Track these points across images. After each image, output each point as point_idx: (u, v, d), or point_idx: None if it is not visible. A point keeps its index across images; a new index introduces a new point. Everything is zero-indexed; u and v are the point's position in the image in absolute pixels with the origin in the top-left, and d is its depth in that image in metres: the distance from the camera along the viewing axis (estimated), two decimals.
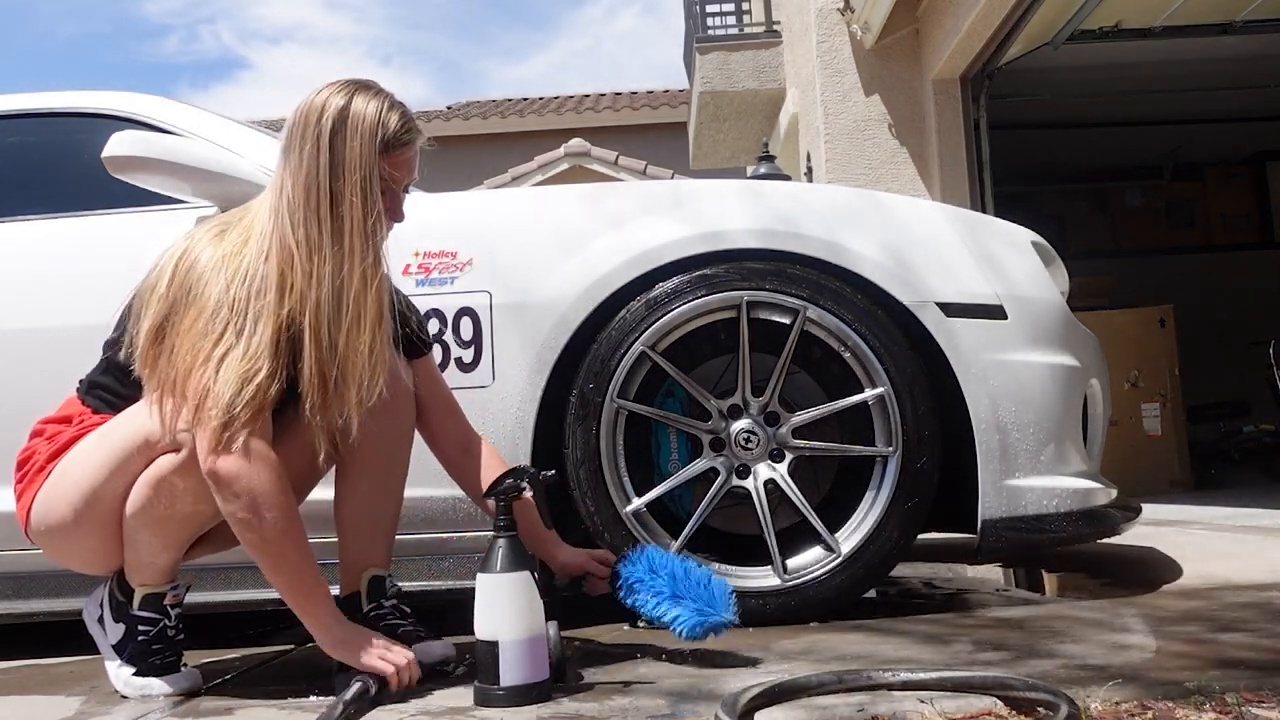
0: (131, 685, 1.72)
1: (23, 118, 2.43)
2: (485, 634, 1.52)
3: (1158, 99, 6.59)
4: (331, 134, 1.62)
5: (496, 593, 1.53)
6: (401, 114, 1.68)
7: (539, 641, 1.54)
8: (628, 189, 2.35)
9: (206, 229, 1.68)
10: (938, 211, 2.28)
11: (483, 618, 1.53)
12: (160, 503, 1.64)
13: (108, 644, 1.76)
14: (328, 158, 1.62)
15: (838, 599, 2.06)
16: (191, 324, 1.58)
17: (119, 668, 1.74)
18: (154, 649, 1.72)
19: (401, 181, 1.71)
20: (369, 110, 1.64)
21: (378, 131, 1.64)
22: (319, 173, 1.62)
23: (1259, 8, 5.29)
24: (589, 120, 13.25)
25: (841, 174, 5.97)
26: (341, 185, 1.62)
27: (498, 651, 1.51)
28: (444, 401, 1.89)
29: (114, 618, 1.75)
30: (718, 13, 8.63)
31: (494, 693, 1.51)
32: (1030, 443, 2.11)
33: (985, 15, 4.96)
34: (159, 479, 1.64)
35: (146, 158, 2.03)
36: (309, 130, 1.63)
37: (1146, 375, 5.63)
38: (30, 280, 2.24)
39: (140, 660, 1.72)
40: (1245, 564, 2.65)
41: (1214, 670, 1.50)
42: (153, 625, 1.73)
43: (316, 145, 1.62)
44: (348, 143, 1.62)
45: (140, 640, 1.72)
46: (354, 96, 1.65)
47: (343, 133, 1.62)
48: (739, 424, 2.12)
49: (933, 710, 1.38)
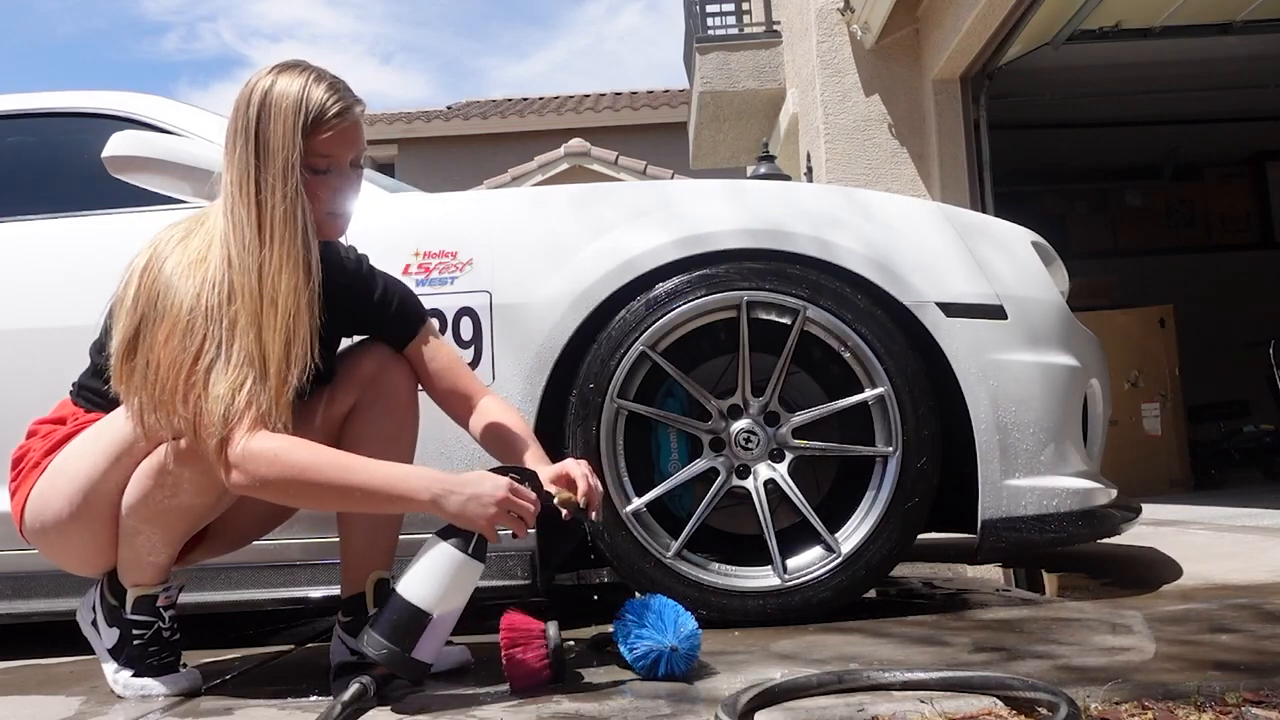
0: (130, 687, 1.71)
1: (23, 118, 2.43)
2: (409, 593, 1.54)
3: (1158, 99, 6.60)
4: (257, 122, 1.59)
5: (440, 563, 1.55)
6: (330, 86, 1.63)
7: (440, 625, 1.55)
8: (627, 190, 2.35)
9: (170, 235, 1.64)
10: (938, 211, 2.28)
11: (418, 578, 1.55)
12: (160, 493, 1.62)
13: (103, 647, 1.75)
14: (254, 146, 1.59)
15: (837, 599, 2.06)
16: (167, 338, 1.55)
17: (116, 671, 1.72)
18: (150, 650, 1.71)
19: (340, 158, 1.64)
20: (291, 90, 1.60)
21: (300, 110, 1.59)
22: (248, 163, 1.59)
23: (1259, 8, 5.30)
24: (589, 120, 13.25)
25: (841, 174, 5.98)
26: (265, 173, 1.58)
27: (403, 605, 1.54)
28: (449, 371, 1.81)
29: (107, 622, 1.73)
30: (718, 13, 8.64)
31: (374, 636, 1.53)
32: (1030, 443, 2.11)
33: (985, 15, 4.96)
34: (159, 468, 1.62)
35: (146, 158, 2.03)
36: (239, 121, 1.61)
37: (1146, 375, 5.64)
38: (29, 280, 2.23)
39: (137, 662, 1.72)
40: (1245, 564, 2.65)
41: (1214, 670, 1.50)
42: (146, 628, 1.71)
43: (245, 135, 1.60)
44: (270, 127, 1.59)
45: (136, 644, 1.71)
46: (278, 78, 1.61)
47: (265, 118, 1.59)
48: (739, 424, 2.12)
49: (933, 710, 1.38)
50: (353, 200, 1.70)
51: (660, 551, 2.06)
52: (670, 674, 1.61)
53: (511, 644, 1.62)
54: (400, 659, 1.53)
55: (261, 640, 2.25)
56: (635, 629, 1.64)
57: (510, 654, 1.61)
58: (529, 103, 14.74)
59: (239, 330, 1.55)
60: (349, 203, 1.69)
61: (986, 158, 5.75)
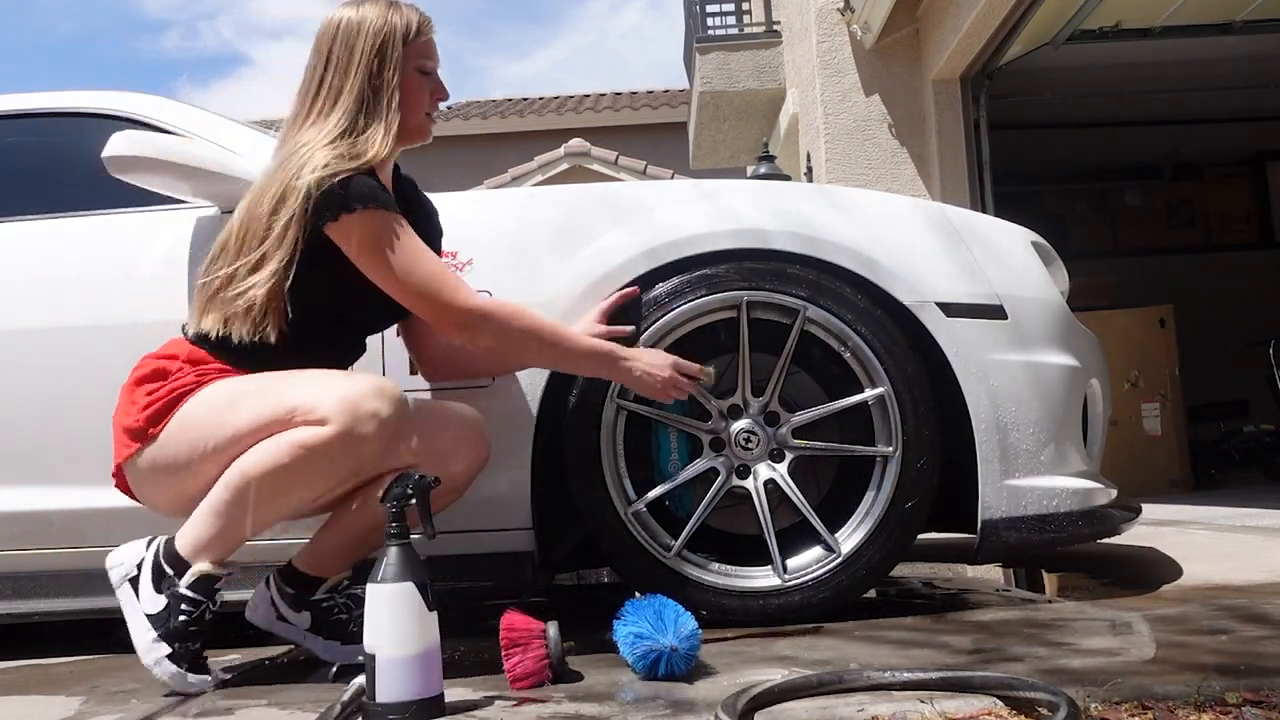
0: (164, 669, 1.69)
1: (23, 118, 2.43)
2: (367, 645, 1.47)
3: (1158, 99, 6.60)
4: (359, 39, 1.86)
5: (378, 604, 1.47)
6: (410, 7, 1.91)
7: (426, 658, 1.47)
8: (627, 188, 2.35)
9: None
10: (938, 211, 2.28)
11: (367, 628, 1.47)
12: (292, 473, 1.65)
13: (140, 611, 1.71)
14: (360, 60, 1.86)
15: (838, 599, 2.06)
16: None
17: (154, 640, 1.69)
18: (191, 631, 1.71)
19: (436, 62, 1.94)
20: (384, 12, 1.88)
21: (403, 24, 1.88)
22: (353, 77, 1.86)
23: (1259, 8, 5.30)
24: (589, 120, 13.25)
25: (841, 174, 5.98)
26: (377, 82, 1.86)
27: (375, 665, 1.45)
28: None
29: (154, 586, 1.72)
30: (718, 13, 8.63)
31: (370, 707, 1.46)
32: (1030, 443, 2.11)
33: (985, 15, 4.96)
34: (307, 446, 1.66)
35: (146, 157, 2.03)
36: (337, 44, 1.87)
37: (1146, 375, 5.64)
38: (29, 280, 2.23)
39: (177, 640, 1.69)
40: (1245, 564, 2.65)
41: (1214, 670, 1.50)
42: (195, 607, 1.71)
43: (347, 52, 1.86)
44: (373, 42, 1.86)
45: (181, 620, 1.70)
46: (362, 8, 1.88)
47: (368, 35, 1.87)
48: (739, 424, 2.12)
49: (933, 710, 1.38)
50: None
51: (660, 551, 2.06)
52: (670, 674, 1.61)
53: (511, 644, 1.62)
54: (369, 708, 1.46)
55: (261, 640, 2.25)
56: (635, 629, 1.64)
57: (510, 654, 1.61)
58: (529, 103, 14.74)
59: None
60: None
61: (986, 158, 5.75)
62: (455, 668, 1.77)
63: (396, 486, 1.55)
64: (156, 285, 2.15)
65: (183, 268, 2.14)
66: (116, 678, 1.91)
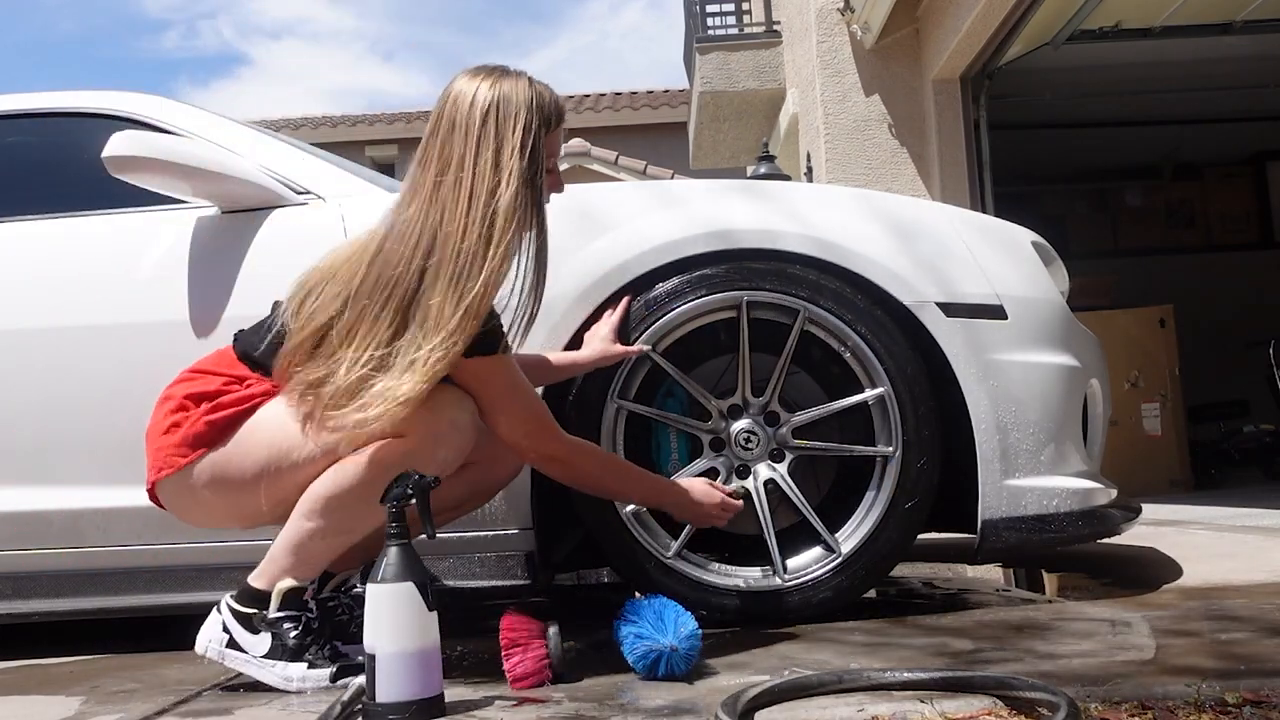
0: (309, 679, 1.68)
1: (23, 118, 2.43)
2: (366, 645, 1.47)
3: (1158, 99, 6.60)
4: (498, 122, 1.68)
5: (378, 604, 1.48)
6: (547, 88, 1.75)
7: (426, 657, 1.47)
8: (630, 190, 2.35)
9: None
10: (937, 211, 2.28)
11: (367, 628, 1.48)
12: (379, 488, 1.58)
13: (256, 655, 1.70)
14: (496, 147, 1.69)
15: (838, 599, 2.06)
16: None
17: (284, 668, 1.69)
18: (307, 642, 1.70)
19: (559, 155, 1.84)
20: (527, 94, 1.71)
21: (544, 109, 1.72)
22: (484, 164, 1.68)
23: (1259, 8, 5.30)
24: (589, 120, 13.24)
25: (841, 174, 5.98)
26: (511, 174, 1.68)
27: (375, 664, 1.45)
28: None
29: (251, 631, 1.71)
30: (718, 13, 8.64)
31: (370, 707, 1.46)
32: (1030, 443, 2.11)
33: (985, 15, 4.96)
34: (387, 463, 1.63)
35: (146, 158, 2.03)
36: (471, 124, 1.68)
37: (1146, 375, 5.64)
38: (29, 280, 2.23)
39: (304, 652, 1.70)
40: (1246, 565, 2.65)
41: (1214, 671, 1.50)
42: (296, 622, 1.70)
43: (483, 137, 1.68)
44: (516, 128, 1.69)
45: (294, 637, 1.69)
46: (501, 82, 1.71)
47: (509, 118, 1.69)
48: (739, 424, 2.12)
49: (933, 710, 1.38)
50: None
51: (660, 551, 2.06)
52: (670, 674, 1.61)
53: (511, 644, 1.62)
54: (369, 708, 1.47)
55: None
56: (635, 629, 1.64)
57: (510, 654, 1.62)
58: None
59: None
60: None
61: (986, 158, 5.75)
62: (455, 668, 1.78)
63: (396, 486, 1.55)
64: (157, 285, 2.15)
65: (183, 268, 2.14)
66: (116, 678, 1.91)
